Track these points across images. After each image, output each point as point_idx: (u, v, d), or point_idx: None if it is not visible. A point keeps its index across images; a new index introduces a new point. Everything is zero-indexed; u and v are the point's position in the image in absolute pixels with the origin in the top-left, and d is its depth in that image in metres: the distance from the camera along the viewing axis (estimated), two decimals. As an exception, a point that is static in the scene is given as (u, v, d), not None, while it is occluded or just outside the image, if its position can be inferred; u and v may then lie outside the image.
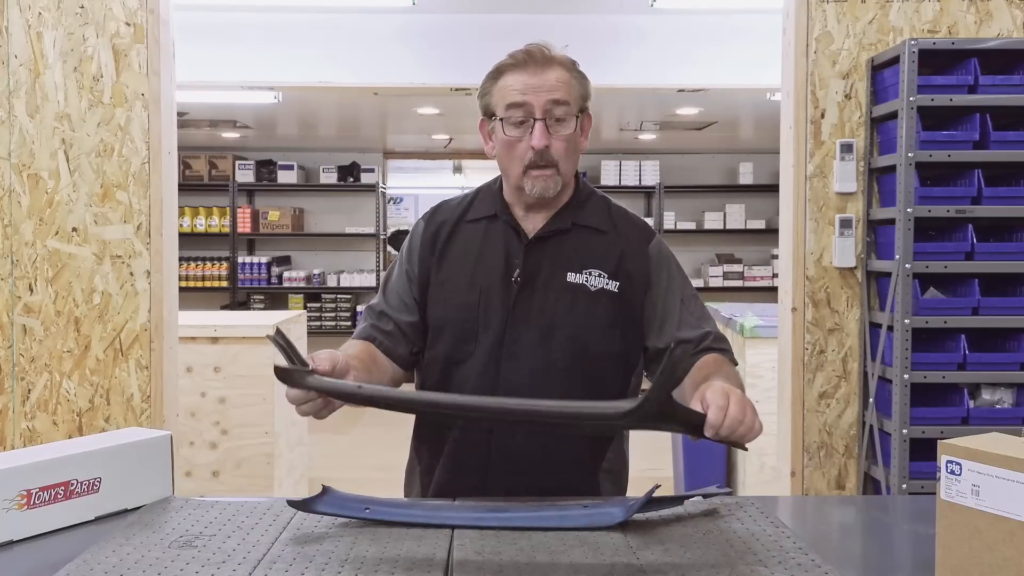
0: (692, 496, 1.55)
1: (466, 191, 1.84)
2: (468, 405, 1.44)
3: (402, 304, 1.75)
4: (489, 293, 1.68)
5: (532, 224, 1.72)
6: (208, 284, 8.67)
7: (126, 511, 1.54)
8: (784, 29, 3.08)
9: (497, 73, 1.69)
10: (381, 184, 9.04)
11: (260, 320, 4.56)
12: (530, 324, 1.66)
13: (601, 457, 1.75)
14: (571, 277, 1.68)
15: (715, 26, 4.73)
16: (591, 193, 1.79)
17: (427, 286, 1.74)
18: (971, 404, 2.81)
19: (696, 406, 1.37)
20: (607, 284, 1.68)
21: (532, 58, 1.66)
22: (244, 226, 8.78)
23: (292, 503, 1.47)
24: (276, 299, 8.82)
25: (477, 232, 1.74)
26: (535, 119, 1.64)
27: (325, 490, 1.49)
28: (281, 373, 1.38)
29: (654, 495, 1.48)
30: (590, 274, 1.68)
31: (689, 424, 1.36)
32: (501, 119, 1.66)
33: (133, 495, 1.56)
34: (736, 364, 1.73)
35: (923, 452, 2.75)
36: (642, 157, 8.97)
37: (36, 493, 1.44)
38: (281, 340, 1.39)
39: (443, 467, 1.72)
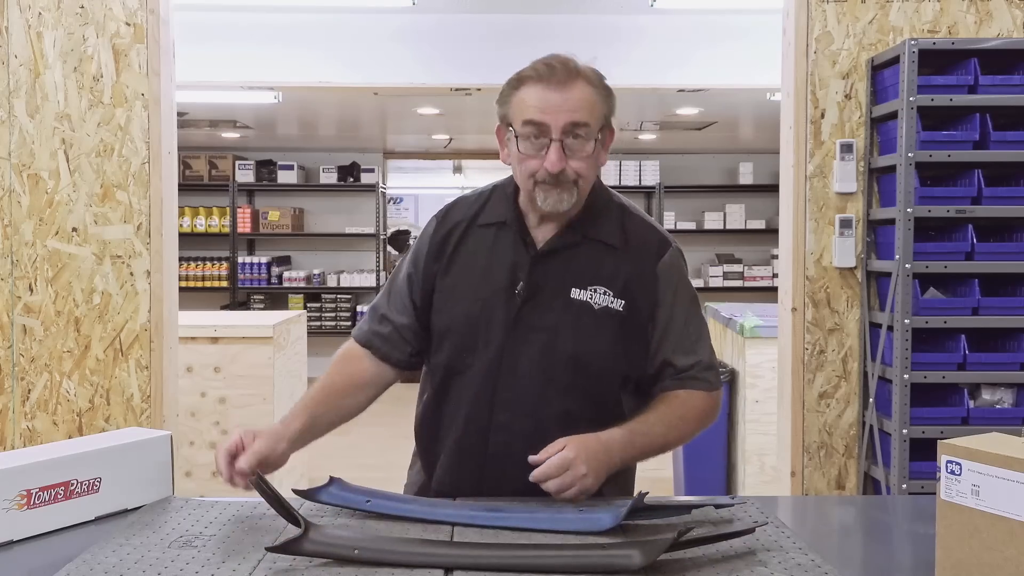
0: (702, 506, 1.51)
1: (482, 189, 1.77)
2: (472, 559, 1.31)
3: (403, 307, 1.73)
4: (492, 305, 1.63)
5: (542, 234, 1.66)
6: (208, 284, 8.67)
7: (126, 511, 1.54)
8: (784, 29, 3.08)
9: (518, 83, 1.60)
10: (381, 184, 9.04)
11: (260, 320, 4.55)
12: (530, 340, 1.61)
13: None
14: (575, 293, 1.62)
15: (715, 26, 4.73)
16: (608, 202, 1.70)
17: (431, 291, 1.70)
18: (971, 404, 2.81)
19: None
20: (612, 303, 1.62)
21: (555, 73, 1.57)
22: (244, 226, 8.78)
23: (297, 492, 1.51)
24: (276, 299, 8.82)
25: (486, 239, 1.68)
26: (552, 139, 1.55)
27: (332, 480, 1.53)
28: (277, 550, 1.31)
29: (660, 503, 1.49)
30: (595, 291, 1.62)
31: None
32: (517, 135, 1.59)
33: (133, 495, 1.56)
34: (718, 387, 1.71)
35: (923, 452, 2.75)
36: (642, 157, 8.97)
37: (36, 493, 1.44)
38: (264, 487, 1.40)
39: (441, 468, 1.71)
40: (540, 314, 1.62)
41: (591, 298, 1.62)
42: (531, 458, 1.50)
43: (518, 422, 1.61)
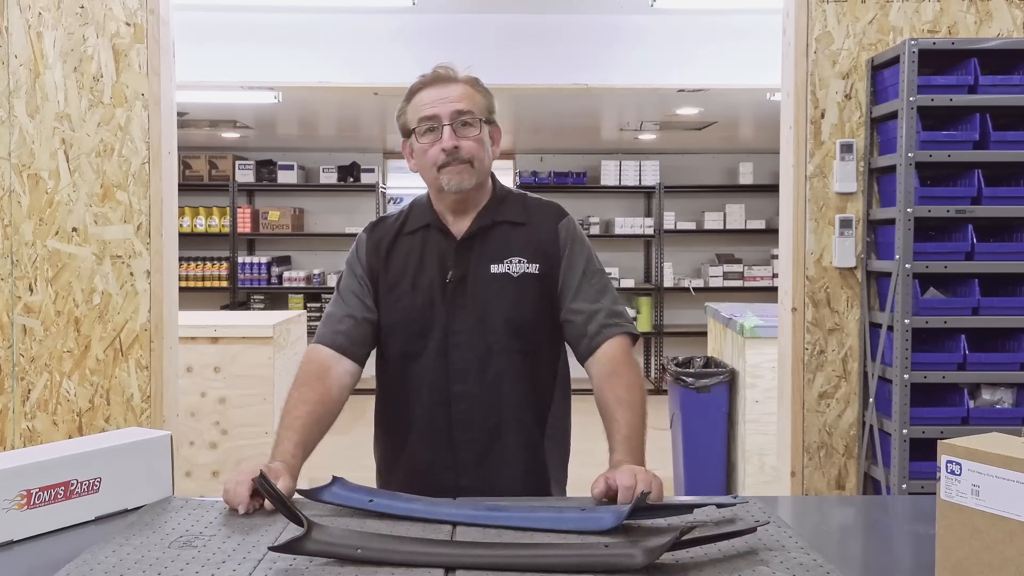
0: (704, 505, 1.52)
1: (400, 207, 2.01)
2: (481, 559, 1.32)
3: (361, 304, 1.91)
4: (431, 293, 1.86)
5: (459, 227, 1.90)
6: (208, 284, 8.66)
7: (126, 511, 1.54)
8: (784, 29, 3.08)
9: (409, 95, 1.90)
10: (381, 184, 9.03)
11: (260, 320, 4.55)
12: (467, 314, 1.85)
13: (544, 423, 1.90)
14: (494, 268, 1.86)
15: (715, 26, 4.73)
16: (508, 192, 1.97)
17: (377, 290, 1.91)
18: (971, 404, 2.81)
19: (600, 482, 1.57)
20: (528, 268, 1.87)
21: (438, 77, 1.88)
22: (244, 226, 8.78)
23: (300, 492, 1.53)
24: (276, 299, 8.82)
25: (415, 242, 1.91)
26: (444, 125, 1.83)
27: (334, 480, 1.55)
28: (280, 549, 1.30)
29: (663, 502, 1.49)
30: (511, 262, 1.87)
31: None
32: (414, 130, 1.86)
33: (133, 495, 1.56)
34: (636, 336, 1.91)
35: (923, 452, 2.75)
36: (642, 157, 8.96)
37: (36, 493, 1.44)
38: (267, 487, 1.42)
39: (413, 444, 1.87)
40: (471, 292, 1.86)
41: (509, 269, 1.87)
42: (596, 493, 1.56)
43: (473, 388, 1.84)
